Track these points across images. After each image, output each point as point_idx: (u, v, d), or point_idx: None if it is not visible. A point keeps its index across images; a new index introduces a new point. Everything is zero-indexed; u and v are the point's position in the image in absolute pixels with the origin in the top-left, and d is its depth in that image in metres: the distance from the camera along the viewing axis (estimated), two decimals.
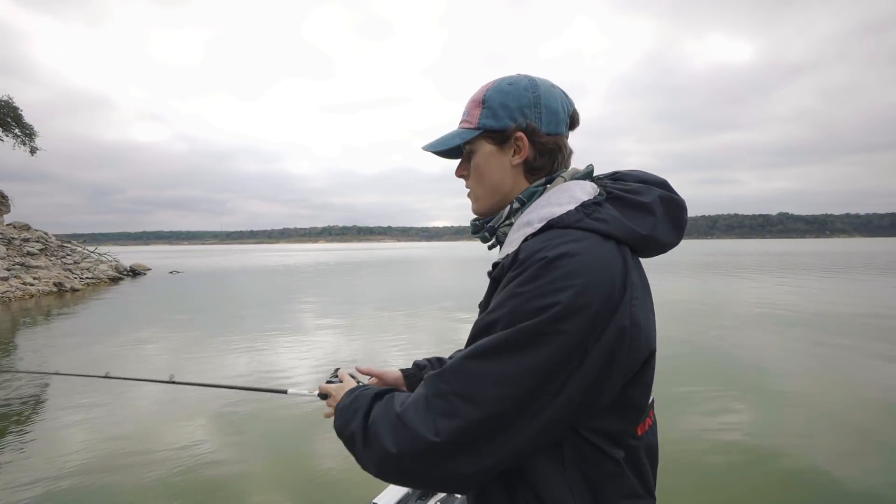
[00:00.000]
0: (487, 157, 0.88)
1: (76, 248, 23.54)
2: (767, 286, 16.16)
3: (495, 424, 0.66)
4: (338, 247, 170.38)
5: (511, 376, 0.66)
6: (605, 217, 0.75)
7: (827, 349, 7.14)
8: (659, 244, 0.80)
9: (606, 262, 0.70)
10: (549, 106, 0.84)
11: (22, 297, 14.37)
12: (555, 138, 0.85)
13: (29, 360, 7.08)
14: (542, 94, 0.85)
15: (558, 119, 0.85)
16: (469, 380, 0.68)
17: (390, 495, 1.45)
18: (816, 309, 10.93)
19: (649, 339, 0.73)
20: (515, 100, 0.84)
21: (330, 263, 37.12)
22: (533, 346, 0.66)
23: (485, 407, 0.66)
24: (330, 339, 8.36)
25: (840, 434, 4.13)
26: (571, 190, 0.81)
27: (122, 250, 45.42)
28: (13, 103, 26.71)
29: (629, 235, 0.75)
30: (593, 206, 0.77)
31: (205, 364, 6.67)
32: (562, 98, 0.87)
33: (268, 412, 4.70)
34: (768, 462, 3.61)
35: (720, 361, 6.60)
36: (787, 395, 5.11)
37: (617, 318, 0.68)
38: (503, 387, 0.66)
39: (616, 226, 0.74)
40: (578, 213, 0.76)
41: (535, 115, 0.84)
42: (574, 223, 0.74)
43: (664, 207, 0.81)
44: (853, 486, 3.27)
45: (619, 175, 0.88)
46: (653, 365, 0.76)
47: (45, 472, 3.55)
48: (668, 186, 0.85)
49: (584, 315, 0.66)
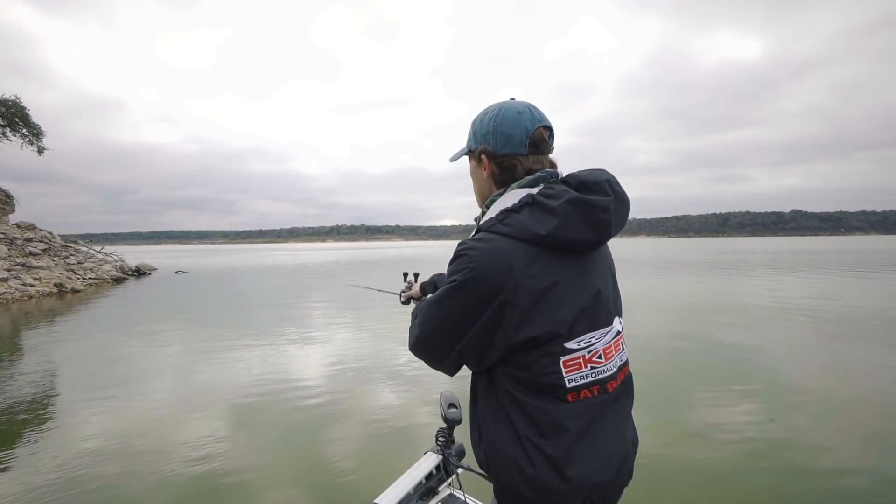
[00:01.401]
0: (473, 170, 1.19)
1: (80, 248, 23.44)
2: (780, 284, 15.62)
3: (431, 339, 1.08)
4: (346, 246, 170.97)
5: (435, 316, 1.05)
6: (511, 222, 0.98)
7: (840, 348, 7.05)
8: (569, 241, 0.97)
9: (498, 255, 0.96)
10: (504, 132, 1.08)
11: (21, 298, 14.08)
12: (509, 158, 1.09)
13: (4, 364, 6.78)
14: (501, 122, 1.08)
15: (513, 142, 1.07)
16: (422, 315, 1.10)
17: (391, 495, 1.44)
18: (830, 308, 10.65)
19: (536, 320, 0.96)
20: (482, 128, 1.12)
21: (342, 263, 36.81)
22: (443, 302, 1.03)
23: (424, 329, 1.09)
24: (334, 338, 8.03)
25: (850, 433, 4.08)
26: (507, 199, 1.05)
27: (134, 250, 45.67)
28: (20, 103, 26.78)
29: (528, 236, 0.96)
30: (507, 213, 1.00)
31: (204, 366, 6.35)
32: (522, 124, 1.07)
33: (279, 408, 4.84)
34: (777, 459, 3.60)
35: (728, 358, 6.56)
36: (797, 393, 5.07)
37: (504, 294, 0.95)
38: (433, 321, 1.06)
39: (517, 228, 0.97)
40: (494, 220, 1.02)
41: (493, 140, 1.09)
42: (488, 227, 1.01)
43: (575, 209, 0.96)
44: (862, 485, 3.24)
45: (569, 177, 1.05)
46: (554, 348, 0.98)
47: (62, 462, 3.70)
48: (602, 186, 1.00)
49: (471, 288, 0.97)
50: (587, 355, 1.01)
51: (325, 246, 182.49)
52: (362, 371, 6.22)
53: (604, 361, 1.04)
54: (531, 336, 0.96)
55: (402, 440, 4.09)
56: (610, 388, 1.05)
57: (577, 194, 0.97)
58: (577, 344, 1.00)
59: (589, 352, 1.01)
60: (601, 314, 1.05)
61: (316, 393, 5.34)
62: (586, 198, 0.96)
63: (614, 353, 1.08)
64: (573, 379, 1.00)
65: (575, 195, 0.96)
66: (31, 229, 22.16)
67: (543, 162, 1.10)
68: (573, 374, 1.00)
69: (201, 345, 7.96)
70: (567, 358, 0.99)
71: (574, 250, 1.00)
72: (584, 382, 1.01)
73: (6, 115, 26.35)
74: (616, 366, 1.08)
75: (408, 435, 4.19)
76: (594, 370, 1.02)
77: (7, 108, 26.27)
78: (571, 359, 0.99)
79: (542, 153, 1.10)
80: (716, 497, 3.14)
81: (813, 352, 6.91)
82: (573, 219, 0.96)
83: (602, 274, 1.08)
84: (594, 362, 1.02)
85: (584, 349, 1.01)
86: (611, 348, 1.06)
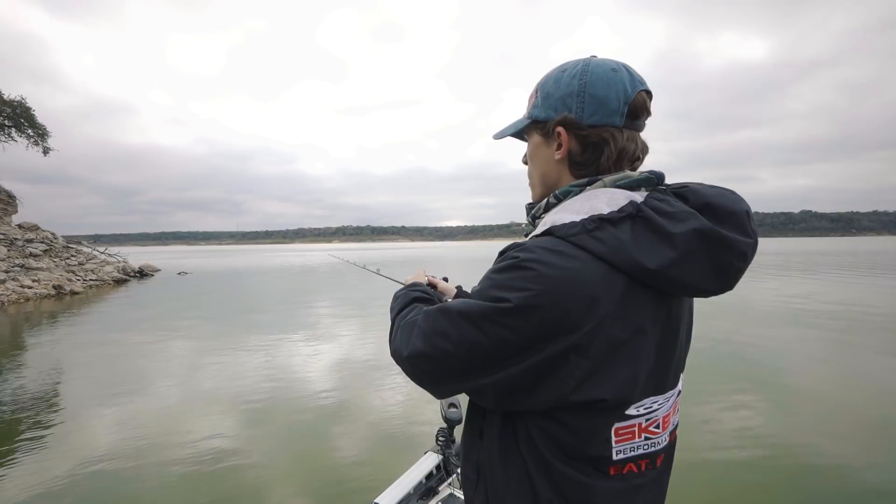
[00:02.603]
0: (536, 147, 0.87)
1: (83, 249, 23.29)
2: (797, 288, 15.14)
3: (441, 361, 0.75)
4: (352, 246, 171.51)
5: (458, 336, 0.72)
6: (605, 238, 0.69)
7: (850, 350, 6.98)
8: (682, 286, 0.70)
9: (581, 281, 0.67)
10: (594, 94, 0.77)
11: (17, 300, 13.76)
12: (599, 130, 0.78)
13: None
14: (591, 80, 0.78)
15: (607, 109, 0.77)
16: (434, 324, 0.76)
17: (391, 495, 1.43)
18: (840, 310, 10.38)
19: (606, 379, 0.69)
20: (560, 89, 0.80)
21: (345, 263, 36.59)
22: (478, 323, 0.70)
23: (434, 345, 0.75)
24: (335, 341, 7.71)
25: (857, 433, 4.06)
26: (597, 199, 0.75)
27: (142, 251, 45.81)
28: (26, 103, 26.76)
29: (627, 265, 0.68)
30: (599, 223, 0.71)
31: (197, 373, 6.01)
32: (619, 84, 0.77)
33: (286, 407, 4.92)
34: (782, 458, 3.59)
35: (737, 359, 6.50)
36: (803, 394, 5.05)
37: (576, 338, 0.67)
38: (452, 341, 0.73)
39: (613, 250, 0.68)
40: (579, 226, 0.71)
41: (577, 105, 0.78)
42: (568, 235, 0.71)
43: (700, 244, 0.68)
44: (868, 484, 3.23)
45: (686, 191, 0.74)
46: (614, 413, 0.72)
47: (71, 460, 3.74)
48: (740, 220, 0.70)
49: (531, 318, 0.67)
50: (644, 423, 0.76)
51: (331, 247, 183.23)
52: (363, 371, 6.23)
53: (660, 431, 0.79)
54: (597, 398, 0.70)
55: (402, 440, 4.10)
56: (658, 462, 0.80)
57: (709, 224, 0.68)
58: (637, 410, 0.75)
59: (647, 419, 0.76)
60: (670, 374, 0.79)
61: (316, 394, 5.36)
62: (723, 234, 0.68)
63: (671, 419, 0.82)
64: (622, 450, 0.75)
65: (706, 224, 0.68)
66: (34, 230, 22.02)
67: (637, 142, 0.82)
68: (623, 444, 0.75)
69: (201, 347, 7.67)
70: (621, 425, 0.74)
71: (678, 295, 0.74)
72: (632, 455, 0.77)
73: (12, 116, 26.35)
74: (668, 432, 0.82)
75: (408, 434, 4.19)
76: (648, 441, 0.77)
77: (13, 109, 26.27)
78: (626, 426, 0.74)
79: (638, 130, 0.82)
80: (723, 495, 3.15)
81: (824, 353, 6.78)
82: (696, 257, 0.68)
83: (685, 325, 0.82)
84: (650, 432, 0.77)
85: (642, 416, 0.76)
86: (670, 415, 0.81)
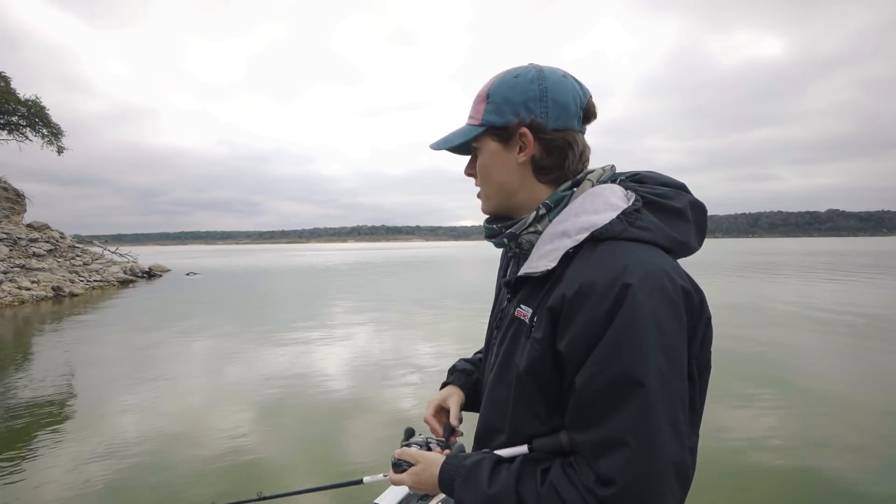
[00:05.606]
0: (493, 155, 0.83)
1: (89, 249, 23.09)
2: (821, 288, 14.01)
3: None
4: (367, 246, 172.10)
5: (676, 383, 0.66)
6: (648, 225, 0.71)
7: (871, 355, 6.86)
8: (691, 250, 0.78)
9: (676, 270, 0.69)
10: (556, 99, 0.78)
11: (12, 303, 13.37)
12: (563, 134, 0.79)
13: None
14: (550, 85, 0.78)
15: (568, 113, 0.78)
16: (660, 421, 0.64)
17: (392, 495, 1.43)
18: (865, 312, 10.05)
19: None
20: (520, 93, 0.79)
21: (362, 263, 36.09)
22: (672, 356, 0.65)
23: (681, 441, 0.67)
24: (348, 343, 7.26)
25: (870, 438, 4.03)
26: (605, 195, 0.75)
27: (161, 250, 46.09)
28: (41, 103, 26.74)
29: (671, 243, 0.72)
30: (634, 214, 0.72)
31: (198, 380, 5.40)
32: (573, 89, 0.79)
33: (302, 405, 5.07)
34: (795, 462, 3.60)
35: (755, 362, 6.45)
36: (819, 398, 5.02)
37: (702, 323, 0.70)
38: (679, 393, 0.67)
39: (660, 234, 0.71)
40: (621, 221, 0.70)
41: (541, 110, 0.78)
42: (619, 234, 0.69)
43: (693, 213, 0.77)
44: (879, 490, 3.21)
45: (641, 177, 0.82)
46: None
47: (99, 452, 3.90)
48: (688, 190, 0.81)
49: (682, 329, 0.66)
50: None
51: (346, 246, 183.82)
52: (367, 372, 6.30)
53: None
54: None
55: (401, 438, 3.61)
56: None
57: (693, 195, 0.79)
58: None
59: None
60: None
61: (324, 393, 5.49)
62: (699, 202, 0.79)
63: None
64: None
65: (692, 196, 0.79)
66: (42, 229, 21.87)
67: (586, 144, 0.84)
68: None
69: (199, 350, 7.28)
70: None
71: (679, 257, 0.80)
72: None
73: (27, 116, 26.34)
74: None
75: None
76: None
77: (28, 109, 26.26)
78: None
79: (584, 132, 0.84)
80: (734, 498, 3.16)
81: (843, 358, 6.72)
82: (697, 226, 0.78)
83: None
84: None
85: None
86: None
